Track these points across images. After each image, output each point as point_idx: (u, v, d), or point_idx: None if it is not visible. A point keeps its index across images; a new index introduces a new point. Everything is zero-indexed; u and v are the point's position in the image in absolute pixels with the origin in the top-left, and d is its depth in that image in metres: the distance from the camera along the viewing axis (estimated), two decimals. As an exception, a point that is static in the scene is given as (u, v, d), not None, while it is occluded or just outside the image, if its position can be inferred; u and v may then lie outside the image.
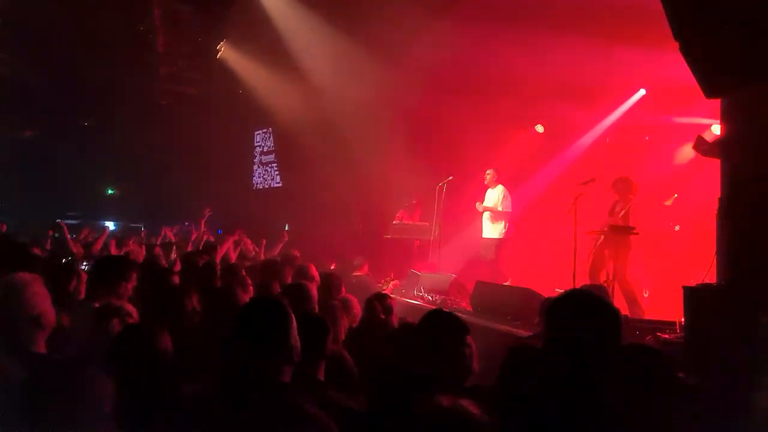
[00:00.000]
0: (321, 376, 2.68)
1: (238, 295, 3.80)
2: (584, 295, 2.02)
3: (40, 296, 2.42)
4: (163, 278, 4.21)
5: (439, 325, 2.75)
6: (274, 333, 2.05)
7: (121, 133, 15.65)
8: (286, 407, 1.94)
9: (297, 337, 2.11)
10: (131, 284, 3.60)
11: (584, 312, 1.95)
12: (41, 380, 1.80)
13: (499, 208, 8.33)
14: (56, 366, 1.90)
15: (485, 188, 8.67)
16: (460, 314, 3.18)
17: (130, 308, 3.00)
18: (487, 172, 8.51)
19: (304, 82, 11.33)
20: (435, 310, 2.86)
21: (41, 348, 2.39)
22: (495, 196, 8.41)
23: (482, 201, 8.56)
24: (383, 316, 4.12)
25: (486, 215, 8.48)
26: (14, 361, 2.17)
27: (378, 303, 4.15)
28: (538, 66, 8.26)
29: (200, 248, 6.87)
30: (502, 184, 8.47)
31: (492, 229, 8.39)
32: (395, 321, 4.16)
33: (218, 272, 4.84)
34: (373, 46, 9.64)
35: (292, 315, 2.13)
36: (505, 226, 8.33)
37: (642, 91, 8.77)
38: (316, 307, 3.82)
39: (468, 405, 1.37)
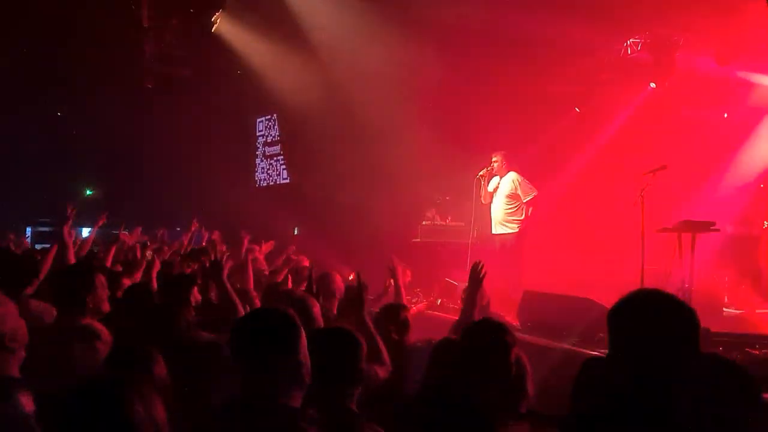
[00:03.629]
0: (354, 407, 2.63)
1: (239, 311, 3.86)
2: (652, 296, 2.01)
3: (8, 315, 2.43)
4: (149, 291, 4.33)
5: (485, 337, 2.83)
6: (276, 346, 2.08)
7: (100, 124, 15.92)
8: None
9: (306, 353, 2.16)
10: (97, 296, 3.60)
11: (653, 315, 1.95)
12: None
13: (525, 199, 8.32)
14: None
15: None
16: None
17: (99, 327, 3.09)
18: (495, 157, 8.49)
19: (314, 58, 11.43)
20: (482, 320, 2.96)
21: (13, 372, 2.40)
22: (509, 185, 8.40)
23: (486, 189, 8.55)
24: (396, 336, 4.02)
25: (498, 206, 8.47)
26: None
27: (388, 318, 4.08)
28: (594, 34, 8.29)
29: (186, 254, 7.00)
30: (514, 171, 8.45)
31: (509, 223, 8.39)
32: (409, 340, 4.11)
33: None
34: (394, 13, 9.70)
35: (301, 327, 2.17)
36: (524, 214, 8.33)
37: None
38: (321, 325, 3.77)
39: None
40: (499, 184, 8.50)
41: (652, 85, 9.31)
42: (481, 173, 8.51)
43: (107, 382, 1.71)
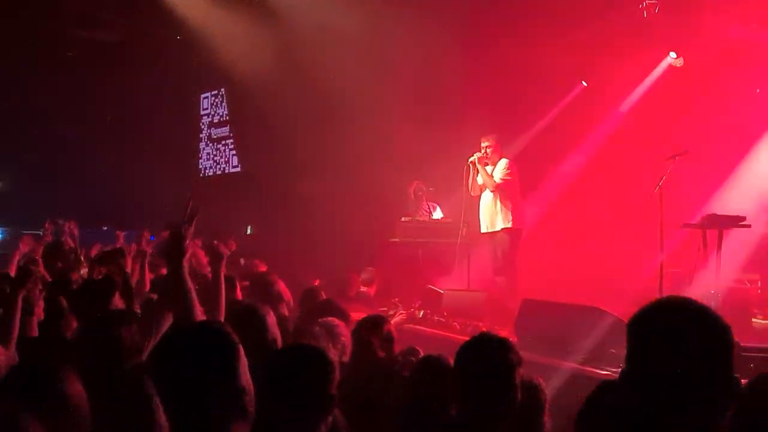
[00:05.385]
0: None
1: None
2: (678, 306, 2.02)
3: None
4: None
5: (491, 354, 2.87)
6: (209, 371, 2.07)
7: (9, 100, 15.67)
8: None
9: (248, 378, 2.15)
10: None
11: (678, 329, 1.95)
12: None
13: (497, 180, 8.40)
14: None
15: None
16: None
17: None
18: (484, 141, 8.55)
19: (270, 20, 11.36)
20: (483, 335, 3.01)
21: None
22: (500, 174, 8.49)
23: (475, 180, 8.63)
24: (381, 354, 4.08)
25: (489, 200, 8.56)
26: None
27: (370, 332, 4.12)
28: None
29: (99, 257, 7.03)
30: (507, 158, 8.56)
31: (496, 218, 8.49)
32: (395, 356, 4.18)
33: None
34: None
35: (240, 346, 2.17)
36: (514, 210, 8.43)
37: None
38: (277, 340, 3.78)
39: None
40: (492, 173, 8.56)
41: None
42: (471, 159, 8.55)
43: None
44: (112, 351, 3.27)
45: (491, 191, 8.44)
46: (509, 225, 8.40)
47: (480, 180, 8.58)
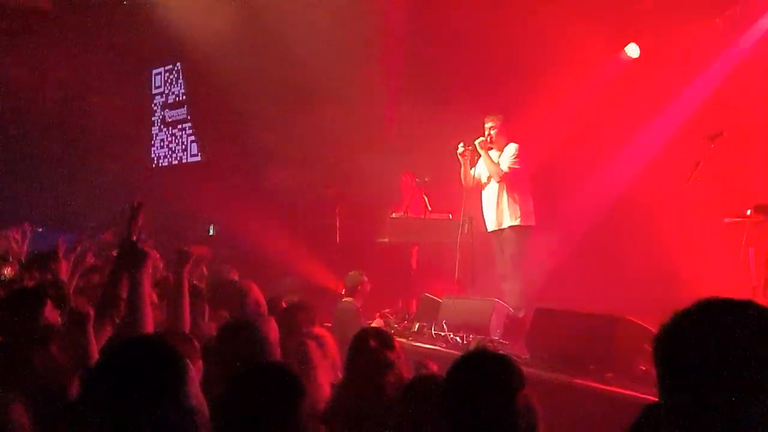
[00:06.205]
0: None
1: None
2: (719, 308, 1.89)
3: None
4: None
5: (478, 375, 2.85)
6: (151, 389, 2.14)
7: None
8: None
9: (200, 396, 2.24)
10: None
11: (721, 336, 1.82)
12: None
13: (504, 168, 8.42)
14: None
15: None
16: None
17: None
18: (488, 122, 8.57)
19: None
20: (476, 352, 2.99)
21: None
22: (506, 162, 8.49)
23: (475, 169, 8.69)
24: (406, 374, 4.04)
25: (490, 195, 8.59)
26: None
27: (378, 343, 4.05)
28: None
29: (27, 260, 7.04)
30: (515, 142, 8.57)
31: (503, 214, 8.50)
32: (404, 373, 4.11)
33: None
34: None
35: (187, 362, 2.27)
36: (523, 204, 8.45)
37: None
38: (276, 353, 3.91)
39: None
40: (498, 161, 8.54)
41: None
42: (479, 140, 8.51)
43: None
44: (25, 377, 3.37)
45: (497, 182, 8.43)
46: (517, 222, 8.40)
47: (479, 171, 8.56)
